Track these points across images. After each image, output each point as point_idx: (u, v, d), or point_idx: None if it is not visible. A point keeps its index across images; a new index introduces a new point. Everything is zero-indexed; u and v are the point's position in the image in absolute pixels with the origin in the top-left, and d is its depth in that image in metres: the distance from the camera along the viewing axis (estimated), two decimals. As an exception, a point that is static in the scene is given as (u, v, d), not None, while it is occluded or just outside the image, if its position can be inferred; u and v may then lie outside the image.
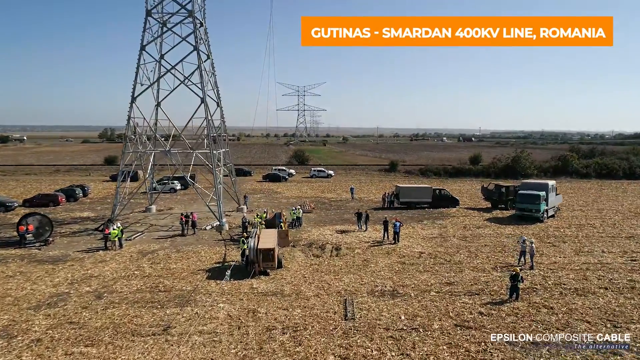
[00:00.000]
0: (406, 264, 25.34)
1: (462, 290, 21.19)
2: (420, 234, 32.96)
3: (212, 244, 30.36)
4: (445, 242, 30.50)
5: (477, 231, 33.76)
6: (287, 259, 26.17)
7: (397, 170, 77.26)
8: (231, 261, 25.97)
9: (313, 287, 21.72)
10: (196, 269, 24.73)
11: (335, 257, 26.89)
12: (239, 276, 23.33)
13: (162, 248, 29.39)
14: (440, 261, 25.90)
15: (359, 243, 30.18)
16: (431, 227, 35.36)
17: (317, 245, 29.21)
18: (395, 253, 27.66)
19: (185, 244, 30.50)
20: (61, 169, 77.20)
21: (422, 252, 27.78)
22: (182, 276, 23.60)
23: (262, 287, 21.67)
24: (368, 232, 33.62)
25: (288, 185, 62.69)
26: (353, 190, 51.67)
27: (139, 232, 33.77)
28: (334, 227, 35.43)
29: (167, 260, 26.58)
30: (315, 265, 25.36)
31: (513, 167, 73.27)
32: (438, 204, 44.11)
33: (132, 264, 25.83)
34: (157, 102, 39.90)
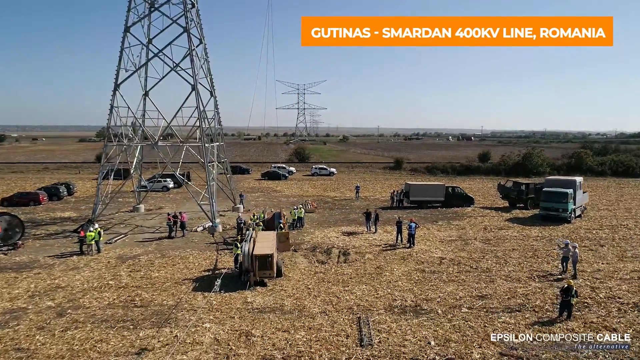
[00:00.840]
0: (426, 272, 21.76)
1: (498, 305, 17.60)
2: (437, 236, 29.38)
3: (202, 248, 26.78)
4: (466, 245, 26.92)
5: (499, 233, 30.17)
6: (288, 266, 22.60)
7: (402, 168, 73.72)
8: (222, 268, 22.39)
9: (319, 301, 18.14)
10: (181, 278, 21.16)
11: (344, 264, 23.32)
12: (231, 287, 19.78)
13: (146, 252, 25.83)
14: (466, 268, 22.31)
15: (369, 247, 26.60)
16: (448, 228, 31.79)
17: (321, 250, 25.64)
18: (411, 259, 24.09)
19: (173, 247, 26.93)
20: (50, 167, 73.62)
21: (443, 257, 24.20)
22: (164, 287, 20.02)
23: (258, 302, 18.09)
24: (378, 233, 30.05)
25: (288, 184, 59.13)
26: (358, 188, 48.11)
27: (122, 234, 30.20)
28: (340, 228, 31.85)
29: (149, 267, 23.01)
30: (320, 273, 21.79)
31: (524, 165, 69.83)
32: (451, 202, 40.54)
33: (108, 272, 22.26)
34: (145, 91, 36.33)
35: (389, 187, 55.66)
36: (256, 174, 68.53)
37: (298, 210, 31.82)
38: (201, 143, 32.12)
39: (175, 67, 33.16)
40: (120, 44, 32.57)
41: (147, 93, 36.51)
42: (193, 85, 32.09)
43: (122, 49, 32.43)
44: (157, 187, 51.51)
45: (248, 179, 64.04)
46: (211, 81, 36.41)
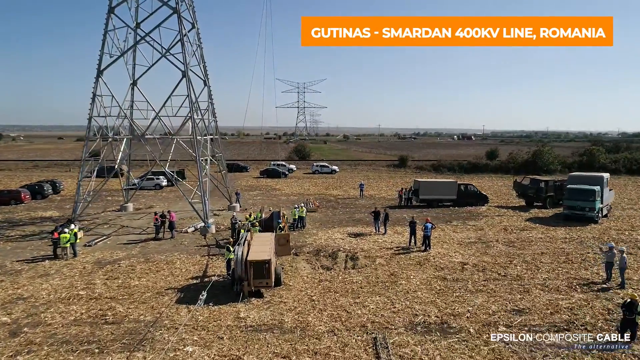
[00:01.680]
0: (448, 280, 18.82)
1: (541, 322, 14.66)
2: (454, 237, 26.44)
3: (192, 252, 23.85)
4: (488, 248, 23.98)
5: (522, 234, 27.23)
6: (288, 273, 19.68)
7: (407, 166, 70.75)
8: (212, 275, 19.45)
9: (325, 316, 15.21)
10: (164, 287, 18.22)
11: (352, 270, 20.38)
12: (222, 298, 16.86)
13: (128, 256, 22.90)
14: (493, 276, 19.37)
15: (379, 250, 23.67)
16: (464, 229, 28.85)
17: (326, 253, 22.71)
18: (429, 264, 21.15)
19: (159, 251, 24.00)
20: (40, 164, 70.62)
21: (465, 262, 21.26)
22: (144, 298, 17.08)
23: (253, 318, 15.15)
24: (388, 235, 27.11)
25: (288, 182, 56.18)
26: (362, 186, 45.13)
27: (104, 235, 27.26)
28: (345, 229, 28.92)
29: (129, 274, 20.07)
30: (325, 281, 18.84)
31: (534, 162, 66.91)
32: (464, 201, 37.61)
33: (81, 280, 19.33)
34: (133, 80, 33.42)
35: (394, 185, 52.81)
36: (255, 171, 65.57)
37: (299, 210, 28.88)
38: (193, 135, 29.14)
39: (165, 53, 30.20)
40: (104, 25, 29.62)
41: (135, 82, 33.63)
42: (183, 72, 29.15)
43: (106, 32, 29.51)
44: (149, 185, 48.66)
45: (246, 176, 61.09)
46: (204, 69, 33.51)
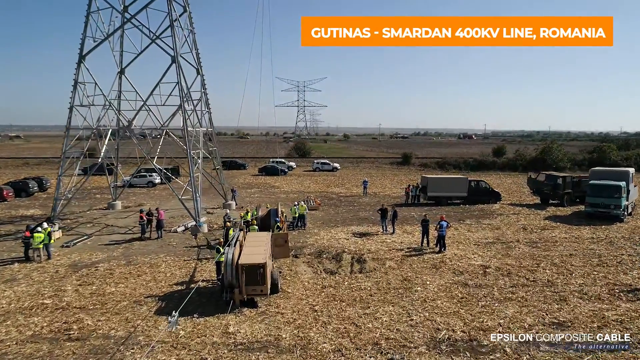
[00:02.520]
0: (470, 286, 16.40)
1: (589, 339, 12.23)
2: (469, 237, 24.03)
3: (180, 253, 21.44)
4: (509, 249, 21.57)
5: (544, 234, 24.81)
6: (287, 278, 17.27)
7: (410, 164, 68.34)
8: (200, 280, 17.03)
9: (330, 330, 12.79)
10: (144, 295, 15.82)
11: (359, 274, 17.96)
12: (209, 308, 14.47)
13: (109, 259, 20.50)
14: (521, 281, 16.95)
15: (388, 251, 21.25)
16: (479, 228, 26.43)
17: (329, 255, 20.29)
18: (445, 267, 18.72)
19: (144, 252, 21.60)
20: (31, 162, 68.24)
21: (486, 265, 18.83)
22: (118, 308, 14.68)
23: (245, 333, 12.74)
24: (396, 234, 24.70)
25: (288, 179, 53.75)
26: (366, 183, 42.68)
27: (85, 235, 24.86)
28: (349, 228, 26.51)
29: (106, 278, 17.66)
30: (330, 288, 16.42)
31: (543, 159, 64.53)
32: (475, 198, 35.19)
33: (50, 286, 16.93)
34: (120, 68, 30.99)
35: (399, 183, 50.44)
36: (253, 169, 63.12)
37: (299, 207, 26.45)
38: (183, 126, 26.69)
39: (156, 38, 27.76)
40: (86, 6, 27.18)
41: (122, 71, 31.19)
42: (173, 57, 26.72)
43: (89, 13, 27.03)
44: (141, 183, 46.36)
45: (244, 174, 58.65)
46: (197, 56, 31.06)
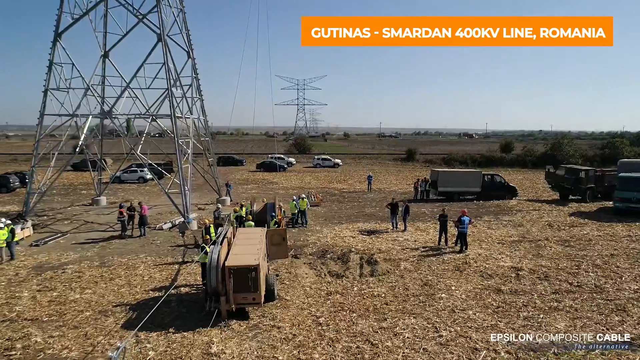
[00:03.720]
0: (505, 293, 13.71)
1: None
2: (491, 235, 21.36)
3: (163, 253, 18.75)
4: (540, 248, 18.89)
5: (574, 232, 22.14)
6: (285, 283, 14.58)
7: (415, 160, 65.68)
8: (173, 287, 14.34)
9: (339, 350, 10.11)
10: (113, 303, 13.13)
11: (370, 278, 15.25)
12: (189, 321, 11.79)
13: (81, 259, 17.82)
14: (564, 286, 14.27)
15: (401, 251, 18.57)
16: (499, 225, 23.76)
17: (334, 255, 17.59)
18: (470, 269, 16.04)
19: (122, 252, 18.92)
20: (19, 158, 65.43)
21: (518, 267, 16.14)
22: (78, 320, 11.99)
23: (231, 353, 10.05)
24: (408, 232, 22.04)
25: (287, 175, 51.04)
26: (370, 178, 39.97)
27: (59, 233, 22.19)
28: (355, 225, 23.85)
29: (71, 283, 14.98)
30: (337, 294, 13.73)
31: (553, 155, 61.90)
32: (490, 194, 32.53)
33: (4, 291, 14.24)
34: (104, 51, 28.26)
35: (404, 179, 47.81)
36: (251, 165, 60.41)
37: (299, 202, 23.74)
38: (170, 111, 23.95)
39: (143, 17, 25.03)
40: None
41: (106, 54, 28.44)
42: (159, 35, 24.02)
43: (65, -14, 24.35)
44: (131, 178, 43.73)
45: (241, 170, 55.91)
46: (188, 37, 28.35)
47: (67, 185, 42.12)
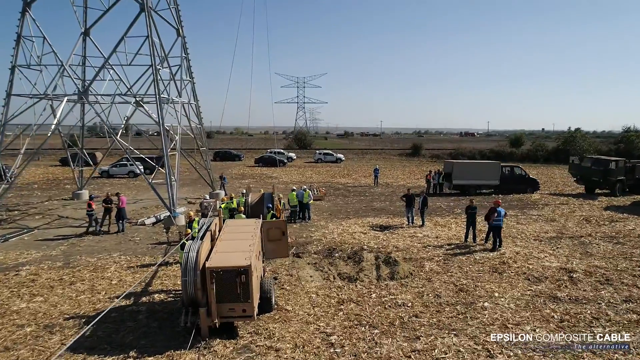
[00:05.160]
0: (563, 301, 10.85)
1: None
2: (523, 231, 18.50)
3: (141, 252, 15.88)
4: (585, 246, 16.03)
5: (618, 227, 19.28)
6: (285, 288, 11.72)
7: (421, 155, 62.80)
8: (156, 292, 11.47)
9: (361, 386, 7.22)
10: (66, 314, 10.28)
11: (390, 282, 12.37)
12: (160, 340, 8.93)
13: (42, 258, 14.97)
14: (634, 292, 11.39)
15: (422, 248, 15.71)
16: (529, 220, 20.91)
17: (344, 254, 14.72)
18: (511, 270, 13.17)
19: (93, 250, 16.05)
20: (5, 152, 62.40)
21: (568, 268, 13.27)
22: (14, 338, 9.15)
23: (208, 392, 7.18)
24: (427, 227, 19.18)
25: (287, 170, 48.15)
26: (377, 172, 37.05)
27: (25, 229, 19.33)
28: (365, 219, 20.99)
29: (22, 287, 12.12)
30: (350, 303, 10.84)
31: (566, 150, 59.07)
32: (509, 187, 29.68)
33: None
34: (84, 28, 25.38)
35: (411, 173, 45.05)
36: (249, 160, 57.54)
37: (302, 195, 20.84)
38: (154, 89, 21.03)
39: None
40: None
41: (87, 32, 25.57)
42: (142, 5, 21.13)
43: (35, -51, 21.49)
44: (121, 173, 40.89)
45: (239, 165, 52.99)
46: (177, 13, 25.45)
47: (52, 179, 39.30)
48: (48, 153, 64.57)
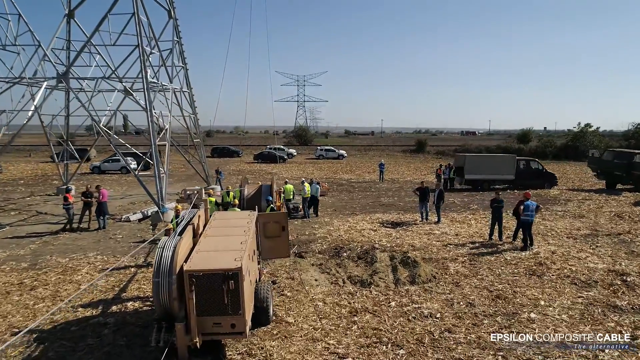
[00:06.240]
0: (627, 312, 8.88)
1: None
2: (552, 228, 16.53)
3: (121, 251, 13.91)
4: (628, 245, 14.07)
5: (655, 223, 17.31)
6: (287, 295, 9.75)
7: (426, 151, 60.82)
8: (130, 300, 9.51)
9: None
10: (14, 327, 8.32)
11: (411, 286, 10.39)
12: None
13: (8, 258, 13.03)
14: None
15: (442, 247, 13.73)
16: (555, 216, 18.95)
17: (353, 253, 12.76)
18: (551, 273, 11.19)
19: (67, 249, 14.09)
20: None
21: (618, 270, 11.30)
22: (-60, 362, 7.16)
23: None
24: (443, 223, 17.21)
25: (287, 166, 46.22)
26: (382, 167, 35.02)
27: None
28: (373, 216, 19.03)
29: (-29, 294, 10.14)
30: (366, 313, 8.86)
31: (575, 147, 57.16)
32: (525, 182, 27.69)
33: None
34: (69, 9, 23.36)
35: (416, 169, 43.07)
36: (248, 156, 55.59)
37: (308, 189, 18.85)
38: (141, 72, 19.03)
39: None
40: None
41: (72, 13, 23.55)
42: (128, -22, 19.16)
43: None
44: (113, 168, 39.03)
45: (237, 162, 51.03)
46: (169, -7, 23.46)
47: (40, 175, 37.44)
48: (40, 150, 62.63)
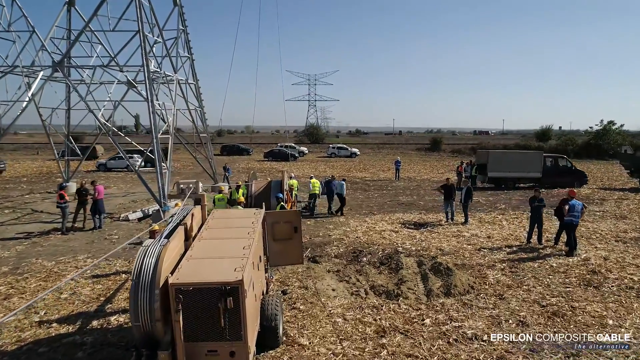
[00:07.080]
0: None
1: None
2: (596, 230, 14.80)
3: (115, 254, 12.38)
4: (689, 249, 12.27)
5: None
6: (299, 309, 8.19)
7: (441, 150, 58.89)
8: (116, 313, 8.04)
9: None
10: (-29, 351, 6.88)
11: (446, 299, 8.78)
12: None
13: (-11, 262, 11.67)
14: None
15: (475, 252, 12.08)
16: (594, 217, 17.15)
17: (374, 258, 11.19)
18: (610, 283, 9.52)
19: (57, 251, 12.75)
20: (5, 147, 60.14)
21: (690, 280, 9.57)
22: None
23: None
24: (471, 224, 15.55)
25: (298, 165, 44.74)
26: (399, 164, 33.31)
27: (-16, 224, 16.15)
28: (393, 216, 17.43)
29: (-64, 304, 8.77)
30: (396, 332, 7.28)
31: (598, 145, 54.84)
32: (553, 180, 25.87)
33: None
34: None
35: (433, 168, 41.30)
36: (258, 154, 54.24)
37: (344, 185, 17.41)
38: (142, 59, 17.64)
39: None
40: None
41: (72, 1, 22.35)
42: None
43: None
44: (119, 166, 38.02)
45: (247, 159, 49.72)
46: (173, -22, 22.11)
47: (45, 173, 36.50)
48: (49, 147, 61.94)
